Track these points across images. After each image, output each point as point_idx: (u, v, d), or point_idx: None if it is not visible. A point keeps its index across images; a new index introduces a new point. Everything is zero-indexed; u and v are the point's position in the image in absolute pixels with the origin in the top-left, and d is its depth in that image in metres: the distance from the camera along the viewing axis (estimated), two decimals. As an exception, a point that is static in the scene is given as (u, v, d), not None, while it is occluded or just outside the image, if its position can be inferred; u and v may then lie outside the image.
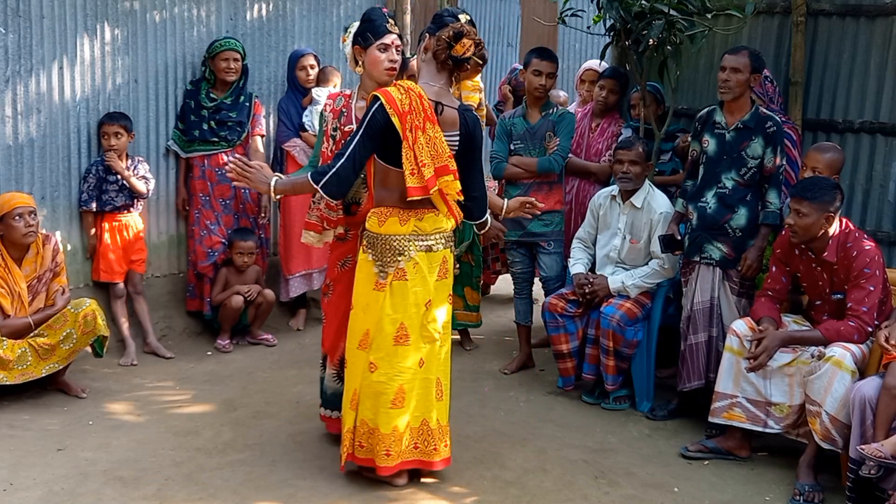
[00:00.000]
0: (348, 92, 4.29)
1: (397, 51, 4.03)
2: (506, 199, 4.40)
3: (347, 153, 3.75)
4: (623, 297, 4.94)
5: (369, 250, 3.87)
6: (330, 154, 4.08)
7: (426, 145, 3.76)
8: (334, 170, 3.74)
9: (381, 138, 3.78)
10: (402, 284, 3.82)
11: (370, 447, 3.89)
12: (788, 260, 4.37)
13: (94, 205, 5.45)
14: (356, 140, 3.76)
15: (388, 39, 3.99)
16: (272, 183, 3.80)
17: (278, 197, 3.89)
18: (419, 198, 3.77)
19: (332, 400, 4.28)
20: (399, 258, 3.82)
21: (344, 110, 4.17)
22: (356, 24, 4.12)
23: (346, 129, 4.11)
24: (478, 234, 5.56)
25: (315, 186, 3.74)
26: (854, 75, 5.17)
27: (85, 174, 5.46)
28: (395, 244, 3.83)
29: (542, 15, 10.57)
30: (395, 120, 3.73)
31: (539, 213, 4.52)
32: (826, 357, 4.01)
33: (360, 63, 4.07)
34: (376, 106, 3.76)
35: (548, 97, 5.35)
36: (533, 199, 4.36)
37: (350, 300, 3.96)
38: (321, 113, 4.27)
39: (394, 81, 3.94)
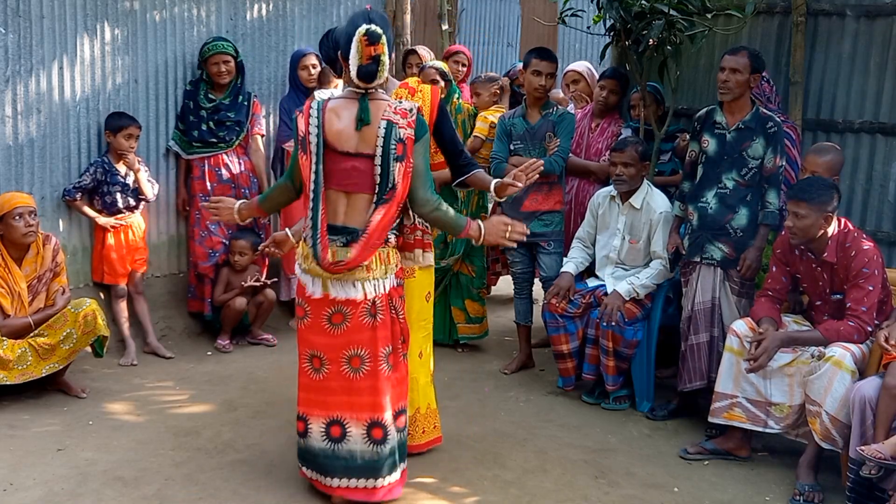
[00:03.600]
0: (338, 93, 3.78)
1: None
2: (495, 181, 4.06)
3: None
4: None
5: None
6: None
7: None
8: None
9: None
10: None
11: None
12: (788, 260, 4.37)
13: (77, 196, 5.42)
14: None
15: None
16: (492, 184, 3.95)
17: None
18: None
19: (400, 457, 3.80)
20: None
21: None
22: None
23: None
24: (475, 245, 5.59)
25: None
26: (854, 75, 5.17)
27: (83, 171, 5.45)
28: None
29: (542, 15, 10.58)
30: None
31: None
32: (826, 357, 4.01)
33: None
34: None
35: (548, 97, 5.35)
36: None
37: None
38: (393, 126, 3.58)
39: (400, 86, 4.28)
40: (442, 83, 5.63)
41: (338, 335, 3.56)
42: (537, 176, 3.89)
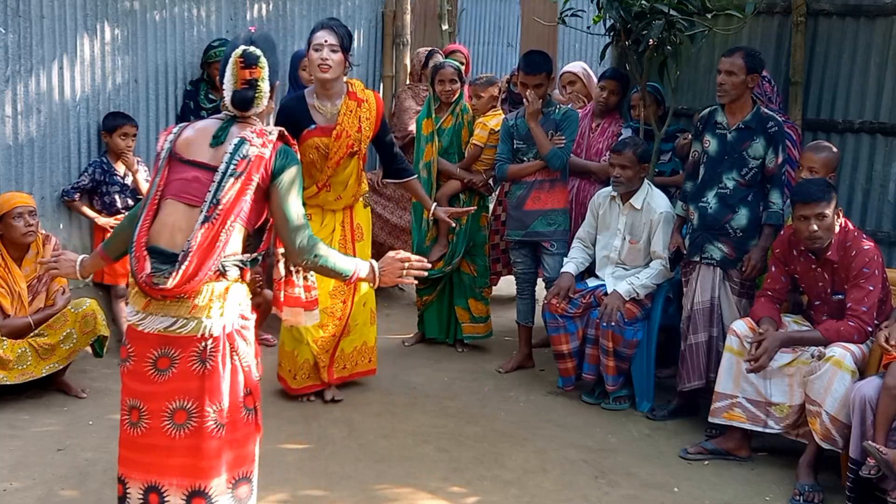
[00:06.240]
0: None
1: None
2: (435, 204, 5.02)
3: None
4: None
5: None
6: None
7: None
8: None
9: None
10: None
11: None
12: (787, 260, 4.37)
13: (76, 196, 5.43)
14: None
15: None
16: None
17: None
18: None
19: None
20: None
21: None
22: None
23: None
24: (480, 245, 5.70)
25: None
26: (854, 75, 5.18)
27: (81, 172, 5.45)
28: None
29: (542, 15, 10.56)
30: None
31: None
32: (826, 357, 4.01)
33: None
34: None
35: (549, 96, 5.35)
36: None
37: None
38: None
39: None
40: (458, 83, 5.64)
41: (162, 383, 2.95)
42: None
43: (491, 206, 6.17)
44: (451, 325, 5.89)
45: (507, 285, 6.60)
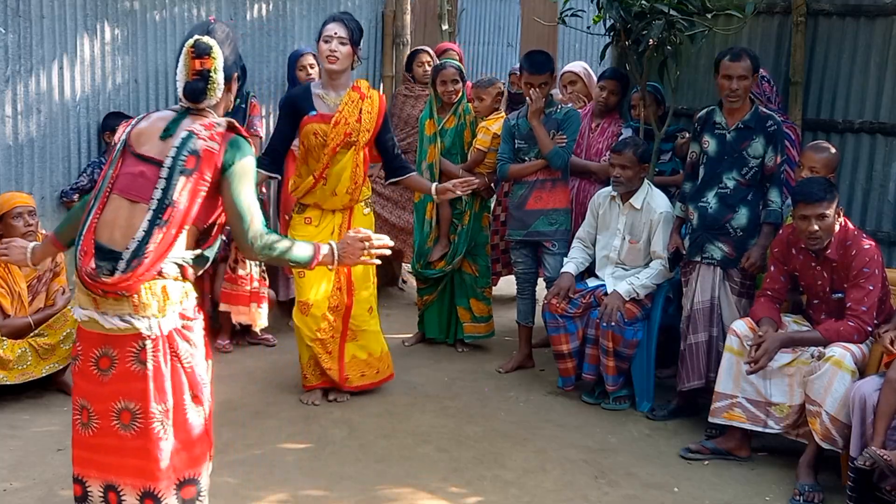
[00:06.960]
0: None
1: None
2: (435, 184, 4.98)
3: None
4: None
5: None
6: None
7: None
8: None
9: None
10: None
11: None
12: (786, 259, 4.37)
13: (75, 197, 5.43)
14: None
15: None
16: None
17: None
18: None
19: None
20: None
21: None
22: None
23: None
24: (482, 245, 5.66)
25: None
26: (854, 75, 5.18)
27: (81, 172, 5.45)
28: None
29: (542, 15, 10.56)
30: None
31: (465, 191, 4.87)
32: (826, 357, 4.01)
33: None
34: None
35: (551, 96, 5.35)
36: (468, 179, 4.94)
37: None
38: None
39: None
40: (460, 84, 5.64)
41: (105, 383, 2.90)
42: (469, 190, 4.84)
43: (492, 207, 6.17)
44: (452, 325, 5.89)
45: (507, 285, 6.60)
